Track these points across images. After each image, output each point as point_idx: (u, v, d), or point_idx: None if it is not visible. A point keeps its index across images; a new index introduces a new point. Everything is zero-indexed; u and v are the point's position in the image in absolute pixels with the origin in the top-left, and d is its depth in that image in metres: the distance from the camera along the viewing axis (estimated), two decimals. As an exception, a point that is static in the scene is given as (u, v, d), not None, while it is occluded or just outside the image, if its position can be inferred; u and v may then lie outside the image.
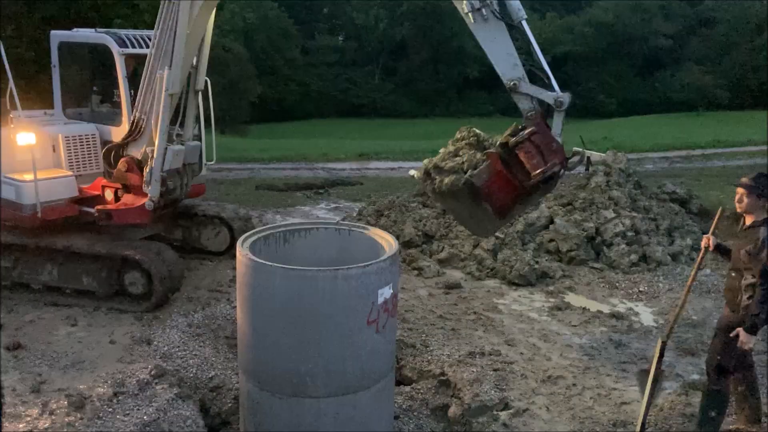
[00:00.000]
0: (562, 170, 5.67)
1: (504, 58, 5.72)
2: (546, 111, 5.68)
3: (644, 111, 41.96)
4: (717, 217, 5.56)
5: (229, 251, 9.16)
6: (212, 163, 9.32)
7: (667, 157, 21.22)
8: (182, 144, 7.85)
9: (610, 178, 10.72)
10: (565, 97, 5.62)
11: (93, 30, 8.39)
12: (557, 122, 5.66)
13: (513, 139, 5.59)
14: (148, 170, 7.43)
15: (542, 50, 5.94)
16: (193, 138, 8.42)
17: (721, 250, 5.36)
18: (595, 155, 12.23)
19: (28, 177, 7.47)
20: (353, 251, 5.47)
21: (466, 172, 5.80)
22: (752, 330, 4.85)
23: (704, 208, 11.55)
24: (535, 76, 5.73)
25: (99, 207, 7.69)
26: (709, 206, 11.63)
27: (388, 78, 53.61)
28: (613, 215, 9.88)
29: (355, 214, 11.65)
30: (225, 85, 27.42)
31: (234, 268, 8.13)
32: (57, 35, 8.52)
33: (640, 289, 8.67)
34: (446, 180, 5.88)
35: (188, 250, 9.26)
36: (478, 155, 5.84)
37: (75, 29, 8.70)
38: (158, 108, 7.32)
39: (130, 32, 8.18)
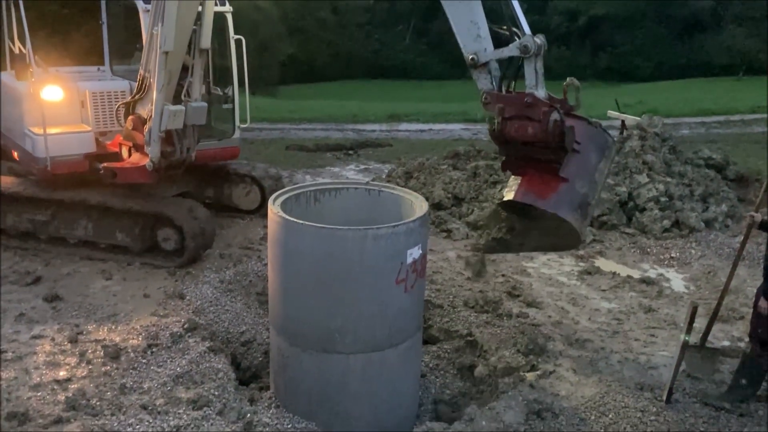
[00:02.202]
0: (562, 115, 4.78)
1: (466, 27, 4.94)
2: (518, 69, 4.92)
3: (682, 75, 40.81)
4: (763, 191, 5.44)
5: (260, 210, 9.27)
6: (246, 125, 9.29)
7: (705, 122, 20.72)
8: (184, 104, 7.42)
9: (644, 143, 10.52)
10: (529, 39, 4.74)
11: None
12: (529, 72, 4.85)
13: (496, 129, 4.92)
14: (147, 130, 7.27)
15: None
16: (204, 98, 8.01)
17: (766, 227, 5.26)
18: (630, 119, 12.05)
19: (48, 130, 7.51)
20: (383, 211, 5.48)
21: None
22: None
23: (741, 175, 11.27)
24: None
25: (105, 164, 7.63)
26: (746, 173, 11.35)
27: (419, 39, 52.86)
28: (646, 180, 9.72)
29: (384, 176, 11.65)
30: (255, 45, 27.30)
31: (265, 227, 8.23)
32: None
33: (672, 255, 8.56)
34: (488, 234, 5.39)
35: (220, 209, 9.38)
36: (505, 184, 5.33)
37: None
38: (156, 66, 7.05)
39: None
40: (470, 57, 4.89)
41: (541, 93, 4.84)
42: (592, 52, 47.13)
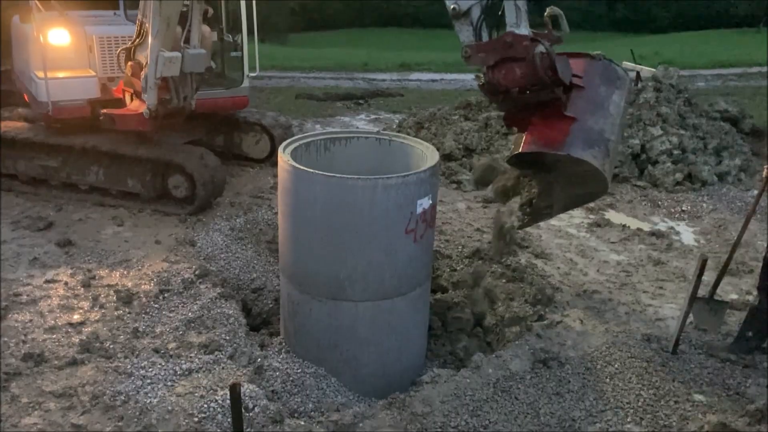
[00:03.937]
0: (549, 47, 4.35)
1: None
2: (500, 16, 4.49)
3: (701, 26, 39.87)
4: None
5: (270, 158, 9.25)
6: (255, 73, 9.17)
7: (722, 75, 20.33)
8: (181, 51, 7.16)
9: (659, 94, 10.35)
10: None
11: None
12: (509, 9, 4.38)
13: (484, 82, 4.52)
14: (143, 76, 7.13)
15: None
16: (216, 46, 7.84)
17: None
18: (646, 70, 11.82)
19: (50, 75, 7.44)
20: (393, 161, 5.46)
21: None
22: None
23: (757, 128, 11.12)
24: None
25: (104, 111, 7.54)
26: (762, 126, 11.19)
27: (433, -14, 51.82)
28: (660, 132, 9.60)
29: (395, 126, 11.56)
30: (265, -10, 26.81)
31: (274, 176, 8.22)
32: None
33: (683, 208, 8.52)
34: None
35: (230, 157, 9.37)
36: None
37: None
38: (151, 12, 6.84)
39: None
40: (452, 6, 4.54)
41: (523, 31, 4.43)
42: (609, 1, 46.05)
